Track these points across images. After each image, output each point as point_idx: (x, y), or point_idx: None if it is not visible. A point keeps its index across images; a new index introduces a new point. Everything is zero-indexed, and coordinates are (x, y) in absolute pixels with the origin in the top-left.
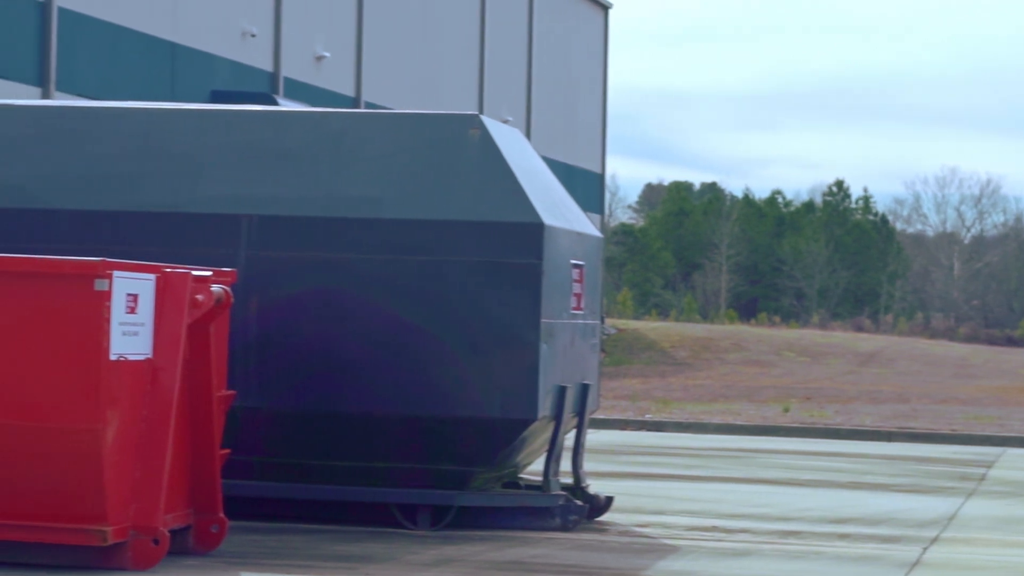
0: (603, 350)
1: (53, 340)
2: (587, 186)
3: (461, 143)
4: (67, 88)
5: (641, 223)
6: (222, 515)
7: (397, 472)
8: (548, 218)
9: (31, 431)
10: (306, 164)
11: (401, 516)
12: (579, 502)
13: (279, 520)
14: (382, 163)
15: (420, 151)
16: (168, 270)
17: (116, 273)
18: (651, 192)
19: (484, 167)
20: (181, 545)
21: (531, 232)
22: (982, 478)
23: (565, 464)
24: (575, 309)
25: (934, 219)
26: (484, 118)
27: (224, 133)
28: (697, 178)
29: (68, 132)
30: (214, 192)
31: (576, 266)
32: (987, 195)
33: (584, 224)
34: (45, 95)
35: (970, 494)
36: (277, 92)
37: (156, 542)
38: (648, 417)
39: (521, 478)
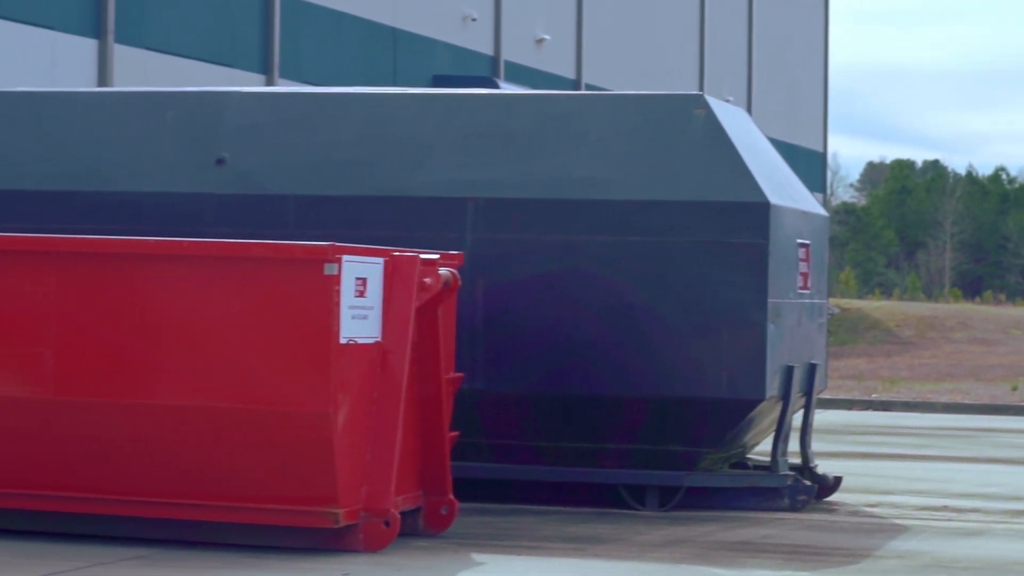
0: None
1: (284, 324)
2: (808, 165)
3: (685, 123)
4: (290, 75)
5: (863, 202)
6: (452, 497)
7: (625, 453)
8: (774, 197)
9: (263, 415)
10: (530, 146)
11: (629, 497)
12: (807, 482)
13: (507, 502)
14: (606, 144)
15: (644, 132)
16: (396, 254)
17: (345, 257)
18: (873, 170)
19: (709, 147)
20: (411, 527)
21: (757, 211)
22: None
23: (793, 444)
24: (801, 288)
25: None
26: (708, 97)
27: (449, 117)
28: (919, 156)
29: (295, 119)
30: (440, 176)
31: (802, 245)
32: None
33: (809, 203)
34: (269, 82)
35: None
36: (498, 75)
37: (387, 524)
38: (875, 397)
39: (749, 458)
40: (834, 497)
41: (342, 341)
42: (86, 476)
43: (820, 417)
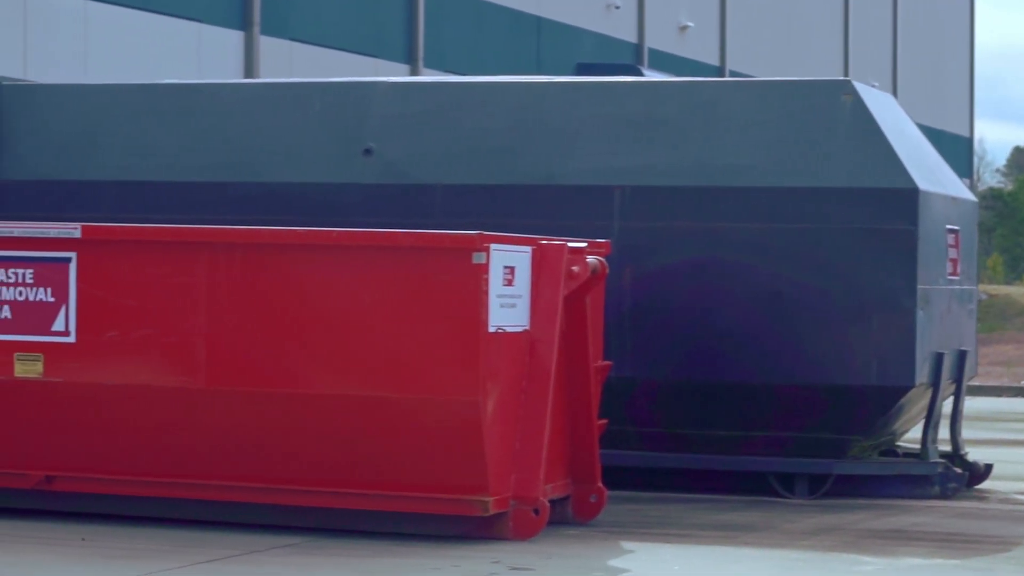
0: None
1: (432, 313)
2: (955, 150)
3: (832, 109)
4: (434, 65)
5: (1010, 187)
6: (601, 485)
7: (773, 441)
8: (922, 183)
9: (412, 403)
10: (677, 134)
11: (778, 485)
12: (958, 470)
13: (655, 489)
14: (752, 131)
15: (791, 118)
16: (544, 242)
17: (493, 246)
18: (1020, 155)
19: (856, 133)
20: (560, 515)
21: (906, 197)
22: None
23: (943, 432)
24: (951, 275)
25: None
26: (856, 83)
27: (595, 105)
28: None
29: (441, 108)
30: (587, 164)
31: (951, 231)
32: None
33: (958, 188)
34: (413, 72)
35: None
36: (641, 63)
37: (536, 512)
38: None
39: (898, 446)
40: (984, 485)
41: (490, 329)
42: (236, 465)
43: (969, 404)
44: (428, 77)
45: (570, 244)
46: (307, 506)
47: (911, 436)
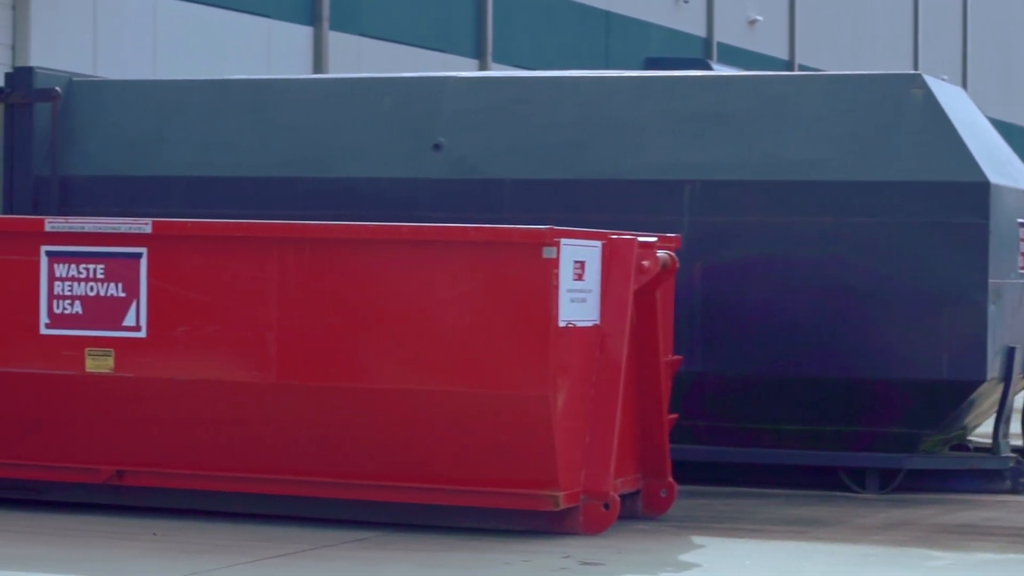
0: None
1: (502, 308)
2: None
3: (903, 103)
4: (503, 60)
5: None
6: (671, 479)
7: (843, 435)
8: (994, 176)
9: (482, 398)
10: (746, 128)
11: (849, 480)
12: None
13: (726, 484)
14: (822, 125)
15: (860, 112)
16: (614, 236)
17: (563, 241)
18: None
19: (927, 126)
20: (630, 510)
21: (977, 191)
22: None
23: (1014, 426)
24: (1022, 269)
25: None
26: (926, 76)
27: (664, 99)
28: None
29: (511, 103)
30: (656, 159)
31: (1023, 224)
32: None
33: None
34: (482, 67)
35: None
36: (710, 57)
37: (607, 507)
38: None
39: (969, 440)
40: None
41: (561, 324)
42: (306, 459)
43: None
44: (497, 72)
45: (640, 239)
46: (377, 501)
47: (982, 431)
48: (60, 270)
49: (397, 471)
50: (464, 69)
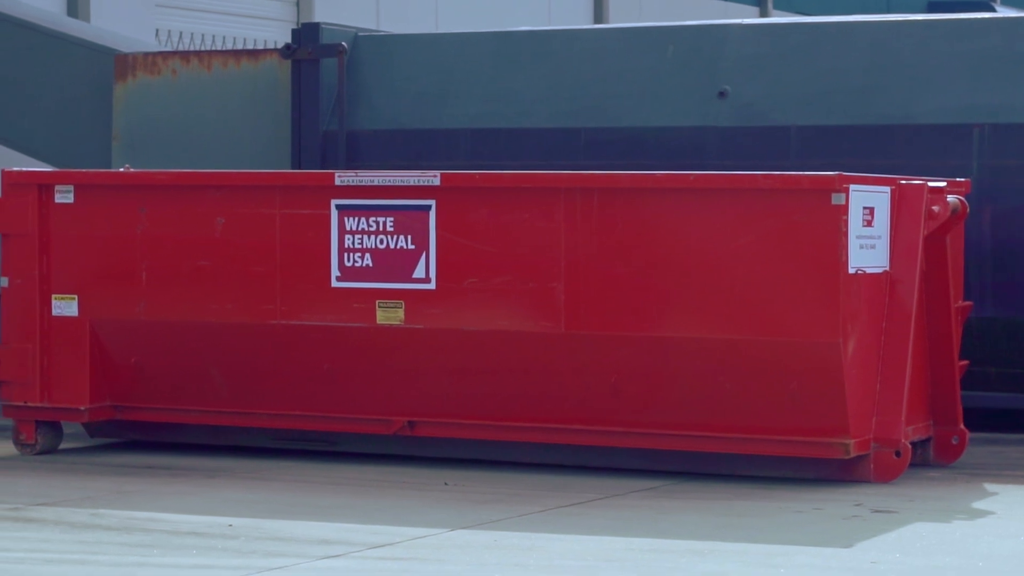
0: None
1: (790, 255)
2: None
3: None
4: (783, 7)
5: None
6: (962, 427)
7: None
8: None
9: (770, 346)
10: None
11: None
12: None
13: (1018, 431)
14: None
15: None
16: (903, 182)
17: (852, 187)
18: None
19: None
20: (921, 457)
21: None
22: None
23: None
24: None
25: None
26: None
27: (950, 42)
28: None
29: (796, 49)
30: (943, 103)
31: None
32: None
33: None
34: (763, 14)
35: None
36: (994, 0)
37: (897, 454)
38: None
39: None
40: None
41: (850, 271)
42: (594, 408)
43: None
44: (780, 19)
45: (930, 184)
46: (666, 449)
47: None
48: (350, 223)
49: (685, 420)
50: (745, 17)
